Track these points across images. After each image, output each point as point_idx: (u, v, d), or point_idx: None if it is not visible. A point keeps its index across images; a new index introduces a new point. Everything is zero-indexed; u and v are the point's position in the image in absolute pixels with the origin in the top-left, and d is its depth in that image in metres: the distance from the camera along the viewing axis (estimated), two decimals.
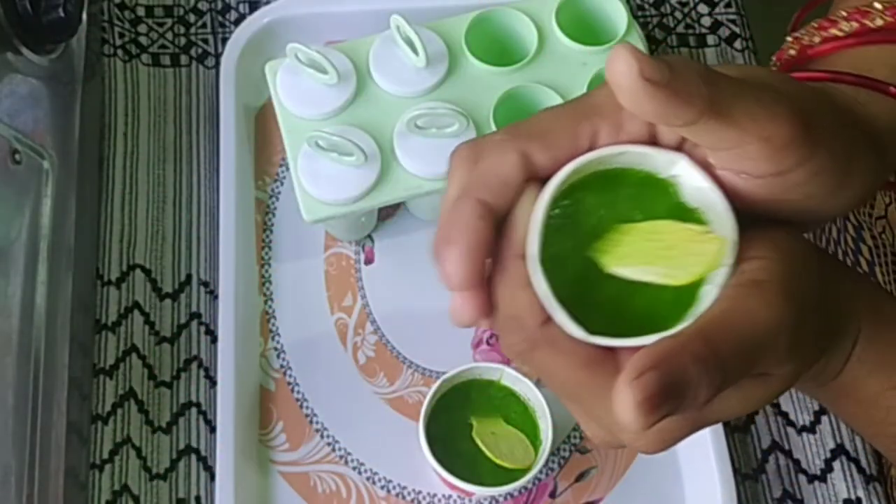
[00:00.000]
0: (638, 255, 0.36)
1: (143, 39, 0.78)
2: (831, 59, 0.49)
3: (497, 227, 0.37)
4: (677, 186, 0.37)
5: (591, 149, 0.37)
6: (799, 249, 0.37)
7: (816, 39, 0.47)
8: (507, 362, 0.68)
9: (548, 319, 0.36)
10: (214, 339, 0.68)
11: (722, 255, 0.35)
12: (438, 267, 0.37)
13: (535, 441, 0.62)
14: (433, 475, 0.65)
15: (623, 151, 0.37)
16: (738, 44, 0.81)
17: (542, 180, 0.37)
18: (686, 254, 0.36)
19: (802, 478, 0.67)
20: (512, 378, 0.63)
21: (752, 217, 0.37)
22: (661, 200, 0.37)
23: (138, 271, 0.70)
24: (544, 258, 0.36)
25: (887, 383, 0.41)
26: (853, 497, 0.66)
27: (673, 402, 0.32)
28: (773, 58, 0.51)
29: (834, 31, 0.47)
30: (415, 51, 0.66)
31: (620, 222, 0.37)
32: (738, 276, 0.35)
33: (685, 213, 0.37)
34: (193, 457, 0.66)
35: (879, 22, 0.46)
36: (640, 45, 0.70)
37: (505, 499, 0.65)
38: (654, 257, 0.36)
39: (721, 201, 0.36)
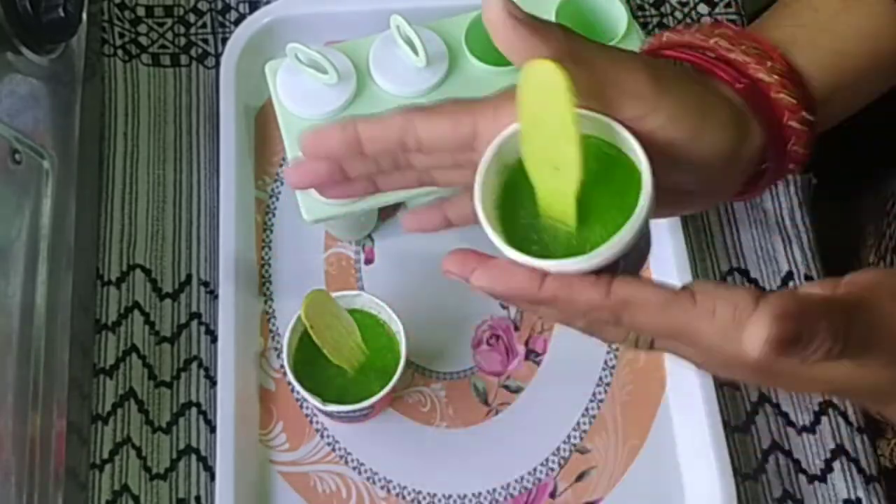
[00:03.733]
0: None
1: (143, 39, 0.78)
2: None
3: None
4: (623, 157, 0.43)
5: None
6: None
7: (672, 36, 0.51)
8: (504, 369, 0.69)
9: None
10: (214, 339, 0.68)
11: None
12: None
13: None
14: (433, 475, 0.65)
15: (589, 116, 0.42)
16: None
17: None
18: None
19: (802, 478, 0.67)
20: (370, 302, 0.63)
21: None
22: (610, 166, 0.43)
23: (138, 271, 0.70)
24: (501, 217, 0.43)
25: None
26: (853, 497, 0.66)
27: (794, 350, 0.37)
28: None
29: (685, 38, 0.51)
30: (415, 51, 0.66)
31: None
32: (888, 278, 0.41)
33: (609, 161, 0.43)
34: (193, 457, 0.66)
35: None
36: (640, 44, 0.70)
37: (505, 499, 0.65)
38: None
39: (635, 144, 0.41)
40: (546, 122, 0.40)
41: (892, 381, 0.41)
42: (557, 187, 0.42)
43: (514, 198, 0.44)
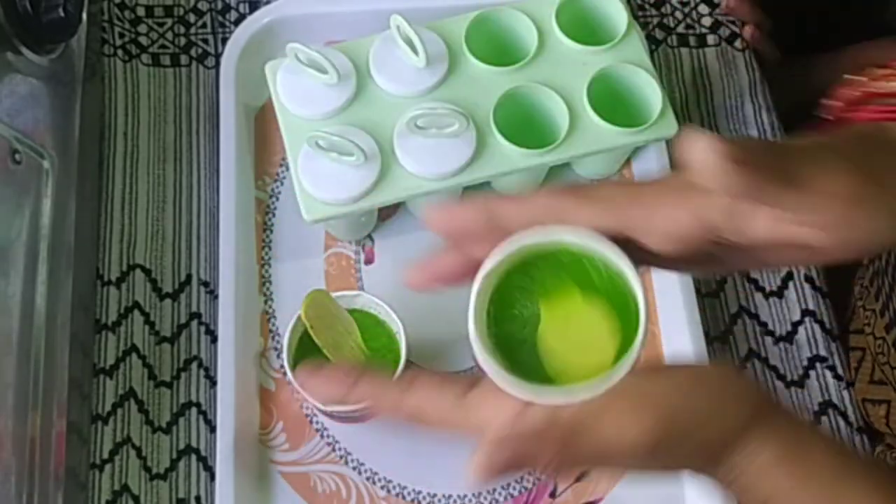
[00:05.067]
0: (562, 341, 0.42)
1: (143, 39, 0.78)
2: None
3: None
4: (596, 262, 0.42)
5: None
6: (708, 391, 0.41)
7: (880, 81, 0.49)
8: None
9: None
10: (214, 339, 0.68)
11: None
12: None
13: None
14: (433, 475, 0.65)
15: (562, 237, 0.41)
16: (738, 43, 0.81)
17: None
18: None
19: None
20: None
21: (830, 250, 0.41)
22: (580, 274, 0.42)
23: (138, 271, 0.70)
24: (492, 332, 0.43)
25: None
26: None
27: (513, 472, 0.38)
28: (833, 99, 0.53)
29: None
30: (415, 51, 0.66)
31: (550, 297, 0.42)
32: (632, 385, 0.40)
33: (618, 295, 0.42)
34: (193, 457, 0.66)
35: None
36: (640, 44, 0.70)
37: (505, 499, 0.65)
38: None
39: (641, 298, 0.40)
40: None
41: (656, 473, 0.43)
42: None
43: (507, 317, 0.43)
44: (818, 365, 0.70)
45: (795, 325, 0.71)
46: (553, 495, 0.65)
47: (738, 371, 0.43)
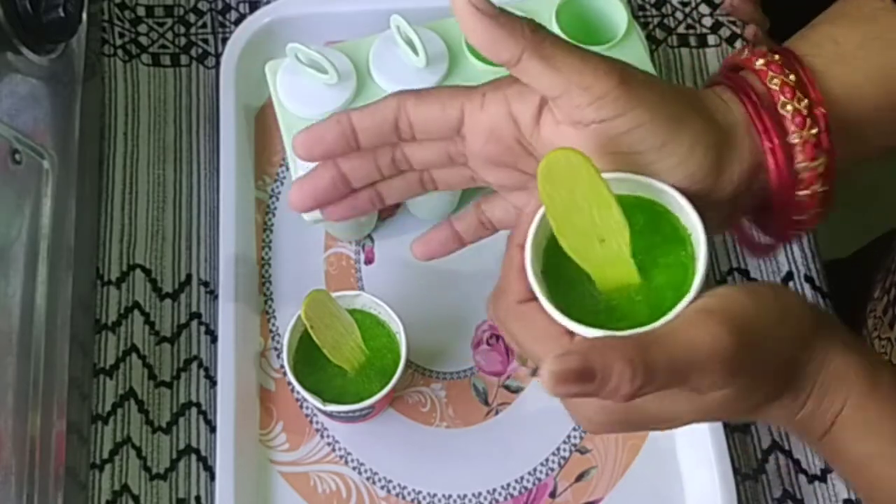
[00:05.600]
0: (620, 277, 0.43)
1: (143, 39, 0.78)
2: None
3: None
4: (669, 213, 0.44)
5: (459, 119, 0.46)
6: (769, 302, 0.41)
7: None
8: (504, 369, 0.69)
9: (526, 300, 0.43)
10: (214, 339, 0.68)
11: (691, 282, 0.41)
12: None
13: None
14: (433, 475, 0.65)
15: (625, 178, 0.43)
16: (738, 44, 0.81)
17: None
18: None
19: (802, 478, 0.67)
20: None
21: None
22: (656, 220, 0.44)
23: (138, 271, 0.70)
24: (545, 253, 0.44)
25: (875, 450, 0.44)
26: (853, 497, 0.66)
27: (586, 384, 0.37)
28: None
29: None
30: (415, 51, 0.66)
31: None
32: (699, 303, 0.40)
33: (678, 236, 0.44)
34: (193, 457, 0.66)
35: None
36: (641, 45, 0.70)
37: (505, 499, 0.65)
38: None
39: (702, 235, 0.42)
40: (579, 204, 0.41)
41: (731, 401, 0.41)
42: (608, 256, 0.42)
43: (562, 272, 0.44)
44: None
45: None
46: (553, 495, 0.65)
47: (791, 290, 0.43)
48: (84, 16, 0.69)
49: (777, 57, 0.47)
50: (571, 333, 0.42)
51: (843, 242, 0.90)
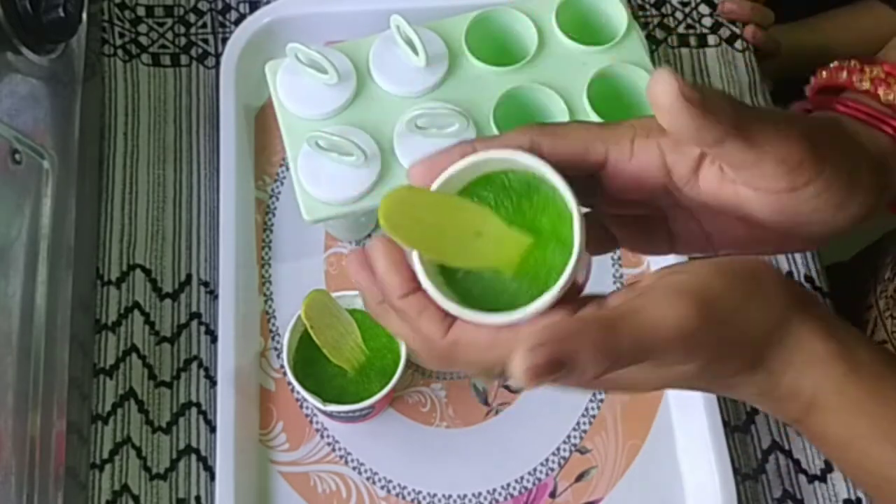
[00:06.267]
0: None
1: (143, 39, 0.78)
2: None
3: None
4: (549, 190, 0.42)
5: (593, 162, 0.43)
6: (742, 280, 0.40)
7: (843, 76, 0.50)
8: None
9: (408, 293, 0.41)
10: (214, 339, 0.68)
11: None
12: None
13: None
14: (433, 475, 0.65)
15: (487, 159, 0.41)
16: (738, 44, 0.81)
17: None
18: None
19: (802, 478, 0.67)
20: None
21: (771, 232, 0.42)
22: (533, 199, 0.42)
23: (138, 271, 0.70)
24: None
25: (856, 432, 0.43)
26: (853, 497, 0.66)
27: (558, 373, 0.37)
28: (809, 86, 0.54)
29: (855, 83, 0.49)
30: (415, 51, 0.66)
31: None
32: (670, 279, 0.40)
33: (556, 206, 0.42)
34: (193, 457, 0.66)
35: (890, 97, 0.48)
36: (641, 45, 0.70)
37: (505, 499, 0.65)
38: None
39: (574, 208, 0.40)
40: (434, 226, 0.40)
41: (694, 377, 0.41)
42: (491, 242, 0.41)
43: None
44: None
45: None
46: (553, 495, 0.65)
47: (770, 265, 0.42)
48: (84, 16, 0.69)
49: (875, 71, 0.48)
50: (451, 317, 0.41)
51: (844, 246, 0.90)
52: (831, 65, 0.51)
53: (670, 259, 0.59)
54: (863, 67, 0.48)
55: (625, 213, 0.46)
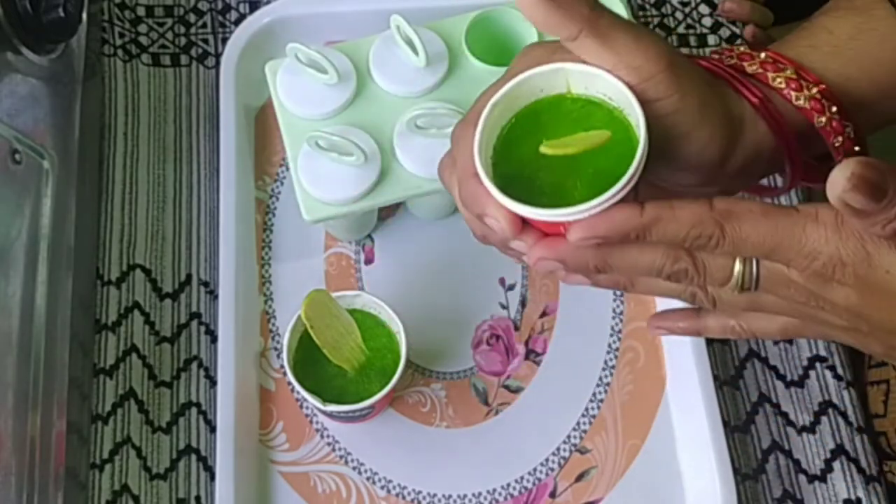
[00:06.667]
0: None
1: (143, 39, 0.78)
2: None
3: None
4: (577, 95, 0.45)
5: None
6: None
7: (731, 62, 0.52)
8: (504, 369, 0.69)
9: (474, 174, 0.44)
10: (214, 339, 0.68)
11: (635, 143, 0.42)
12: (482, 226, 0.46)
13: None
14: (433, 475, 0.65)
15: (529, 76, 0.45)
16: (738, 44, 0.81)
17: None
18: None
19: (802, 478, 0.67)
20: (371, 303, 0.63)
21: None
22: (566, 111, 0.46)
23: (138, 271, 0.70)
24: (495, 160, 0.45)
25: None
26: (853, 497, 0.66)
27: (875, 198, 0.38)
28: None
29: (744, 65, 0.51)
30: (415, 51, 0.66)
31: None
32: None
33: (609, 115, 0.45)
34: (193, 457, 0.66)
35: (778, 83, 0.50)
36: None
37: (505, 499, 0.65)
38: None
39: (626, 92, 0.43)
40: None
41: None
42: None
43: (511, 163, 0.45)
44: (818, 365, 0.70)
45: None
46: (553, 495, 0.65)
47: None
48: (84, 16, 0.69)
49: (765, 55, 0.49)
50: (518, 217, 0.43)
51: None
52: (722, 47, 0.53)
53: None
54: (752, 54, 0.50)
55: None
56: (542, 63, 0.45)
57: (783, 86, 0.48)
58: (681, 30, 0.82)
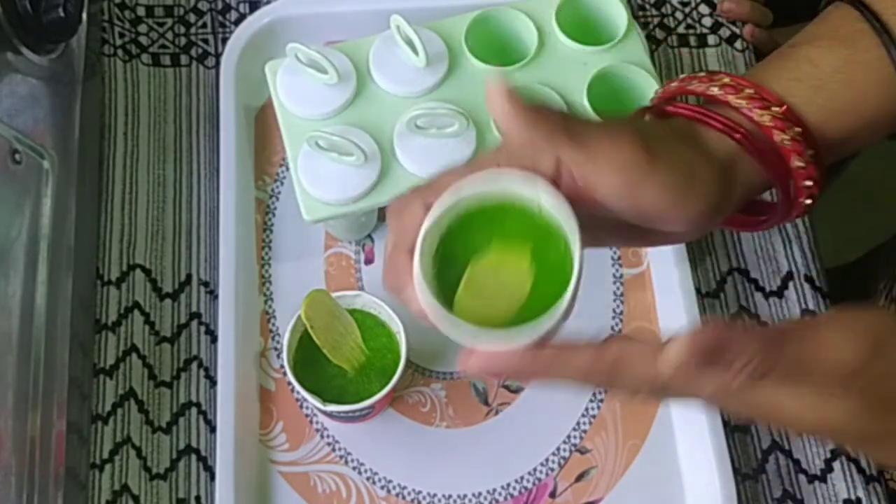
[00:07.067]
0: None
1: (143, 39, 0.78)
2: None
3: None
4: (538, 209, 0.44)
5: None
6: None
7: (695, 86, 0.52)
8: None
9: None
10: (214, 339, 0.68)
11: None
12: (401, 301, 0.45)
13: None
14: (433, 475, 0.65)
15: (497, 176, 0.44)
16: (738, 44, 0.81)
17: None
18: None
19: (802, 478, 0.67)
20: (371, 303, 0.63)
21: (626, 224, 0.46)
22: (524, 222, 0.45)
23: (138, 271, 0.70)
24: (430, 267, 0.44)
25: None
26: (853, 497, 0.66)
27: (716, 360, 0.39)
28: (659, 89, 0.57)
29: (707, 89, 0.51)
30: (415, 51, 0.66)
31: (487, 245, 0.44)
32: (845, 311, 0.42)
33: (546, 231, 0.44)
34: (193, 457, 0.66)
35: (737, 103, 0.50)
36: (641, 45, 0.70)
37: (505, 499, 0.65)
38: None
39: (571, 217, 0.43)
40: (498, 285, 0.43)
41: (853, 420, 0.41)
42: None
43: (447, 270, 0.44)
44: None
45: None
46: (553, 495, 0.65)
47: None
48: (84, 16, 0.69)
49: (747, 90, 0.50)
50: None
51: (848, 247, 0.90)
52: (680, 76, 0.53)
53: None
54: (710, 78, 0.51)
55: None
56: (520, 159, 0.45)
57: (770, 122, 0.48)
58: (681, 30, 0.82)
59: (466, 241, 0.44)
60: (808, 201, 0.50)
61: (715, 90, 0.49)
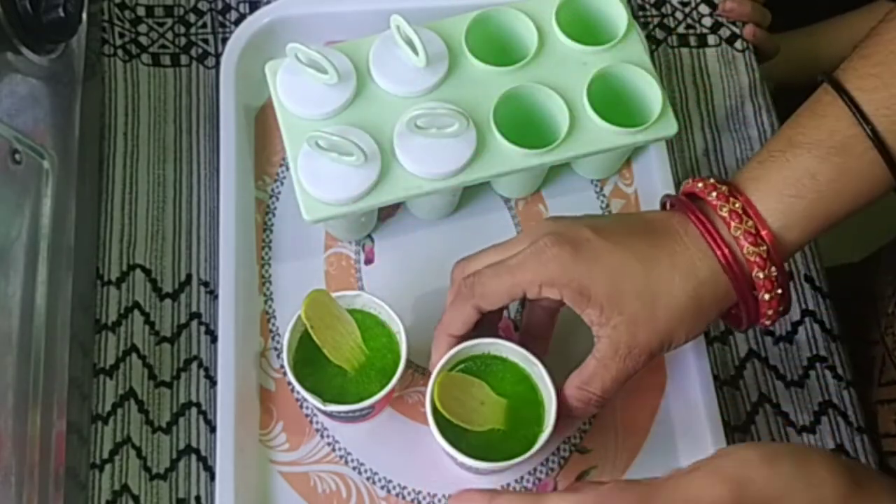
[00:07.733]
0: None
1: (143, 39, 0.78)
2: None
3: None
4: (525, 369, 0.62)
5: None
6: (787, 469, 0.45)
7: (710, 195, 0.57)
8: None
9: None
10: (214, 339, 0.68)
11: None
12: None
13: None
14: (433, 475, 0.65)
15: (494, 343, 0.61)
16: (738, 44, 0.81)
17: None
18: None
19: None
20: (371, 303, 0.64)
21: None
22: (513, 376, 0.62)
23: (138, 271, 0.70)
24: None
25: None
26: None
27: None
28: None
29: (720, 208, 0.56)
30: (415, 51, 0.66)
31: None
32: (711, 461, 0.46)
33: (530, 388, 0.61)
34: (193, 457, 0.66)
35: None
36: (641, 45, 0.70)
37: None
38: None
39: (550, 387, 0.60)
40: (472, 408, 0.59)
41: None
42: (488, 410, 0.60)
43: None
44: (818, 365, 0.70)
45: (795, 325, 0.71)
46: None
47: (824, 453, 0.47)
48: (84, 16, 0.69)
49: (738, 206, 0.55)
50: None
51: (848, 247, 0.89)
52: (710, 179, 0.57)
53: None
54: (728, 196, 0.55)
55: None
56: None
57: (753, 258, 0.55)
58: (681, 30, 0.82)
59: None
60: (771, 311, 0.57)
61: (724, 213, 0.55)
